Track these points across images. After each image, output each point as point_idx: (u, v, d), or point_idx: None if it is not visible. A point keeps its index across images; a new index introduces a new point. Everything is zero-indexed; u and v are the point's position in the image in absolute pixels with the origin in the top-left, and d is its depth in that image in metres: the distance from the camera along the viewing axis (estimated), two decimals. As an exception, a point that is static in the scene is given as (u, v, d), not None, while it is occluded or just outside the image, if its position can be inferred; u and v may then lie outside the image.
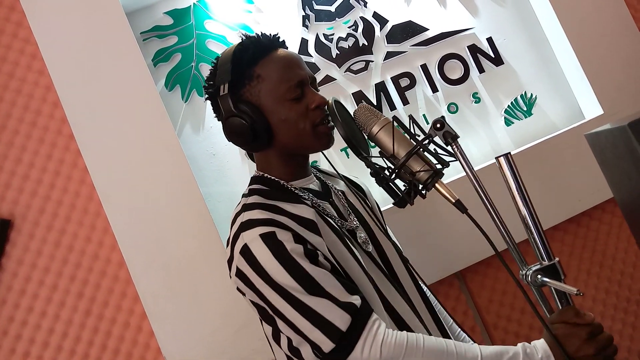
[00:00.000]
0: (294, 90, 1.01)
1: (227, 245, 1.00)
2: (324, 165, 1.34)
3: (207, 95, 1.10)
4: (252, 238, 0.92)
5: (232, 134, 1.03)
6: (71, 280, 1.69)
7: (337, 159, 1.97)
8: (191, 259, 1.64)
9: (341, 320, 0.88)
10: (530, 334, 1.96)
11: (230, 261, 0.98)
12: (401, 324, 1.01)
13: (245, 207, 0.99)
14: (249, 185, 1.10)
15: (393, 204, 0.91)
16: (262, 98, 1.02)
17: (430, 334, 1.03)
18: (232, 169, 1.90)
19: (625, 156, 1.12)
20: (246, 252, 0.93)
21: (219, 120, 1.10)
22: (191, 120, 1.92)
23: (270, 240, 0.91)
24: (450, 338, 1.10)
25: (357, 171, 1.88)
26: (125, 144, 1.68)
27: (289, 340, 0.96)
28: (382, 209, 1.81)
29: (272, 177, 1.08)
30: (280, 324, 0.94)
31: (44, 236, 1.69)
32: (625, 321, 2.02)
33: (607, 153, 1.22)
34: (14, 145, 1.72)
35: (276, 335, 0.99)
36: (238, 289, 1.00)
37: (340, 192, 1.16)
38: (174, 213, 1.66)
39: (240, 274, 0.95)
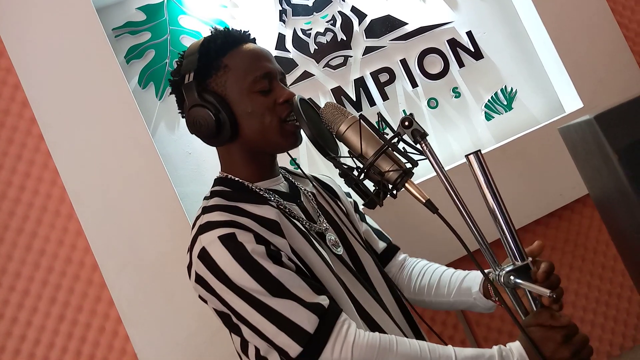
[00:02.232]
0: (260, 81, 0.98)
1: (187, 252, 0.96)
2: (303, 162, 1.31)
3: (171, 88, 1.06)
4: (210, 240, 0.88)
5: (195, 125, 0.98)
6: (43, 285, 1.64)
7: (317, 157, 1.94)
8: (166, 261, 1.61)
9: (308, 321, 0.84)
10: (513, 330, 1.95)
11: (189, 267, 0.94)
12: (374, 327, 0.98)
13: (205, 210, 0.96)
14: (211, 187, 1.06)
15: (362, 205, 0.88)
16: (228, 89, 0.98)
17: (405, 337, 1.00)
18: (210, 168, 1.87)
19: (594, 149, 1.11)
20: (204, 255, 0.88)
21: (182, 115, 1.06)
22: (166, 119, 1.88)
23: (229, 241, 0.87)
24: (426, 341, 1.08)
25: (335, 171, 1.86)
26: (97, 144, 1.64)
27: (257, 350, 0.92)
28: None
29: (236, 178, 1.03)
30: (246, 331, 0.90)
31: (14, 240, 1.64)
32: (607, 314, 2.02)
33: (578, 146, 1.21)
34: (-18, 146, 1.67)
35: (244, 345, 0.96)
36: (200, 297, 0.96)
37: (310, 194, 1.12)
38: (148, 214, 1.63)
39: (199, 280, 0.91)
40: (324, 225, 1.06)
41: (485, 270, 0.86)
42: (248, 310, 0.86)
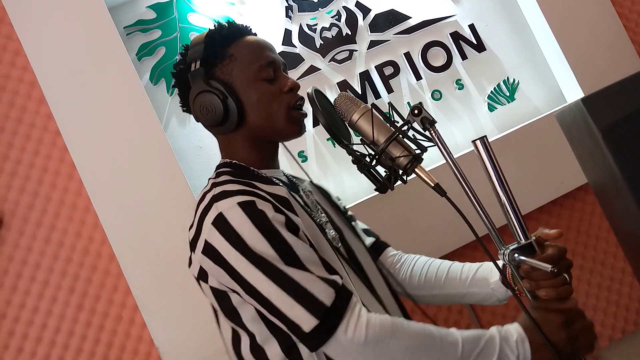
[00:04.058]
0: (265, 69, 1.00)
1: (190, 228, 0.93)
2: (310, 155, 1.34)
3: (174, 80, 1.05)
4: (229, 206, 0.84)
5: (202, 111, 0.96)
6: (62, 275, 1.70)
7: (324, 150, 1.98)
8: (181, 251, 1.63)
9: (326, 293, 0.81)
10: (517, 315, 1.99)
11: (195, 239, 0.89)
12: None
13: (215, 184, 0.92)
14: (215, 171, 1.04)
15: (375, 189, 0.92)
16: (234, 77, 0.99)
17: None
18: (219, 161, 1.91)
19: (584, 131, 1.13)
20: (220, 221, 0.84)
21: (183, 109, 1.07)
22: (177, 114, 1.93)
23: (250, 208, 0.83)
24: None
25: (347, 159, 1.91)
26: (111, 139, 1.69)
27: (251, 341, 0.89)
28: (363, 199, 1.85)
29: (242, 164, 1.01)
30: (248, 313, 0.88)
31: (33, 233, 1.70)
32: (609, 299, 2.07)
33: (573, 131, 1.23)
34: (1, 142, 1.73)
35: (235, 339, 0.93)
36: (200, 274, 0.91)
37: (307, 191, 1.12)
38: (162, 206, 1.67)
39: (209, 250, 0.86)
40: (324, 218, 1.06)
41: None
42: (263, 280, 0.82)
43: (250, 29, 1.08)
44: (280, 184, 0.99)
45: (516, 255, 0.84)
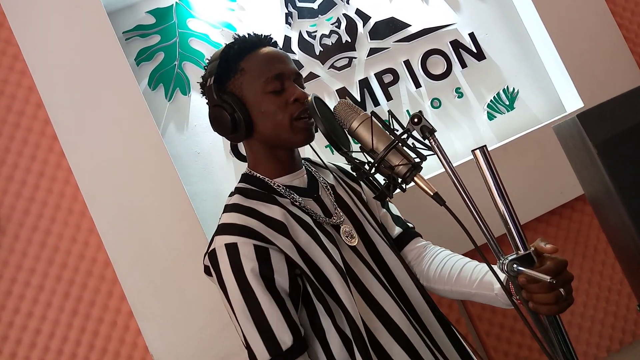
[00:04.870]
0: (272, 82, 1.05)
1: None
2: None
3: (201, 92, 1.15)
4: (219, 245, 0.99)
5: (214, 123, 1.09)
6: (57, 280, 1.68)
7: (322, 156, 1.97)
8: (177, 257, 1.65)
9: (261, 353, 0.95)
10: (515, 325, 1.99)
11: (204, 256, 1.06)
12: (386, 319, 1.03)
13: (225, 209, 1.07)
14: (238, 183, 1.14)
15: (373, 197, 0.92)
16: (244, 90, 1.06)
17: (423, 325, 1.07)
18: (217, 167, 1.91)
19: (580, 145, 1.16)
20: (213, 256, 1.00)
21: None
22: (175, 119, 1.92)
23: (232, 252, 0.98)
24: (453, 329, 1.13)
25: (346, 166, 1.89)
26: (109, 144, 1.68)
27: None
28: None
29: (258, 175, 1.11)
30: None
31: (29, 237, 1.69)
32: (607, 310, 2.06)
33: (569, 144, 1.25)
34: (-3, 146, 1.72)
35: None
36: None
37: (329, 186, 1.17)
38: (159, 212, 1.67)
39: (207, 271, 1.04)
40: (341, 217, 1.11)
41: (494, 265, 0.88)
42: (232, 312, 0.99)
43: (268, 38, 1.14)
44: (292, 195, 1.08)
45: (515, 265, 0.83)
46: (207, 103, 1.13)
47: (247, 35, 1.11)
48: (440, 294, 1.21)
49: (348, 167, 1.30)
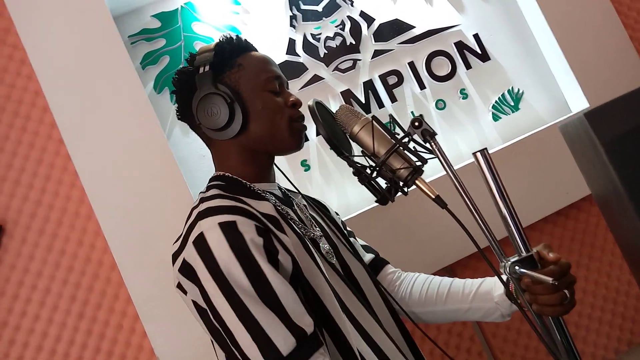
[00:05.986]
0: (272, 81, 1.02)
1: (175, 241, 0.95)
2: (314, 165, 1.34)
3: (178, 84, 1.06)
4: (209, 226, 0.84)
5: (207, 113, 0.96)
6: (64, 283, 1.70)
7: (327, 159, 1.98)
8: (183, 260, 1.65)
9: (284, 342, 0.79)
10: (529, 342, 1.97)
11: (176, 255, 0.91)
12: (367, 338, 0.95)
13: (203, 200, 0.93)
14: (207, 184, 1.05)
15: (375, 201, 0.92)
16: (241, 85, 1.00)
17: (401, 353, 0.98)
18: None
19: (587, 144, 1.15)
20: (199, 241, 0.84)
21: (179, 115, 1.06)
22: (180, 122, 1.91)
23: (229, 230, 0.83)
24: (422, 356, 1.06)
25: (350, 169, 1.90)
26: (114, 147, 1.69)
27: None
28: (365, 209, 1.84)
29: (233, 176, 1.01)
30: (218, 335, 0.85)
31: (36, 240, 1.70)
32: (614, 312, 2.05)
33: (576, 143, 1.24)
34: (5, 150, 1.73)
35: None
36: (178, 285, 0.91)
37: (302, 205, 1.12)
38: (165, 215, 1.67)
39: (185, 268, 0.86)
40: (318, 232, 1.04)
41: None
42: (228, 312, 0.81)
43: (256, 48, 1.11)
44: (273, 199, 1.00)
45: (517, 267, 0.83)
46: (182, 93, 1.05)
47: (234, 38, 1.07)
48: (427, 319, 1.16)
49: (315, 197, 1.24)
